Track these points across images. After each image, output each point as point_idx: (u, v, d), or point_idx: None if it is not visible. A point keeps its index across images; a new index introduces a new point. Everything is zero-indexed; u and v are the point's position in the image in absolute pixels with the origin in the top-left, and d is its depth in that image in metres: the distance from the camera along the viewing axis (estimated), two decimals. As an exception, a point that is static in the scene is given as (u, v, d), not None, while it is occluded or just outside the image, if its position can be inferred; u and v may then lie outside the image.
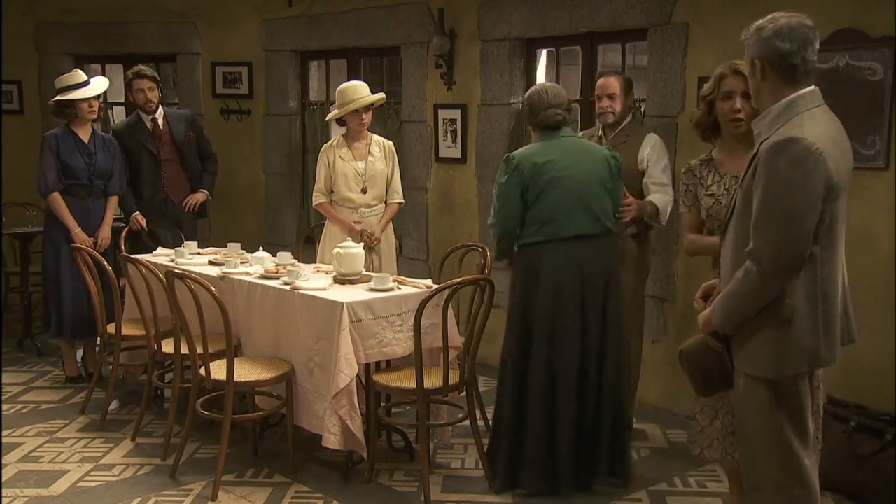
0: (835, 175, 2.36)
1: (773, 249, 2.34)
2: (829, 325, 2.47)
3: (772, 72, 2.45)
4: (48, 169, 5.10)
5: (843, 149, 2.47)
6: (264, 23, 6.73)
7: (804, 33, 2.44)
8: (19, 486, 3.80)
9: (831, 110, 2.56)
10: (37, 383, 5.32)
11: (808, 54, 2.45)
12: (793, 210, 2.33)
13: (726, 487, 3.83)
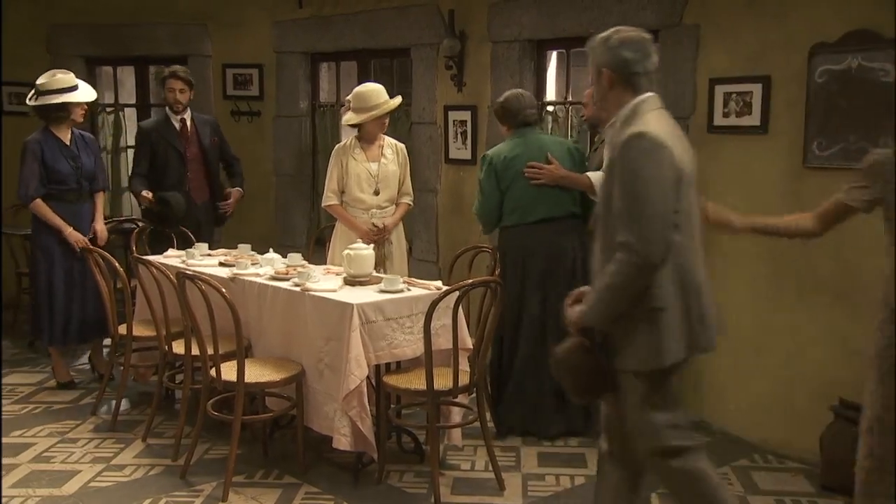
0: (681, 167, 2.54)
1: (641, 238, 2.45)
2: (701, 312, 2.59)
3: (617, 80, 2.63)
4: (30, 176, 4.96)
5: (685, 146, 2.65)
6: (275, 24, 6.74)
7: (645, 45, 2.65)
8: (32, 486, 3.82)
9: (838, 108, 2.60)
10: (48, 384, 5.33)
11: (649, 64, 2.65)
12: (652, 199, 2.46)
13: (737, 491, 3.85)
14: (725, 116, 4.39)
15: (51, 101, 4.99)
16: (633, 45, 2.63)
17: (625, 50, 2.63)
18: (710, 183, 4.53)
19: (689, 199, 2.59)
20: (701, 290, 2.61)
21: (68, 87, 5.05)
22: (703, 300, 2.61)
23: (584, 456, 4.24)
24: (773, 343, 4.32)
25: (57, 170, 5.01)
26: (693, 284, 2.58)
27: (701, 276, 2.63)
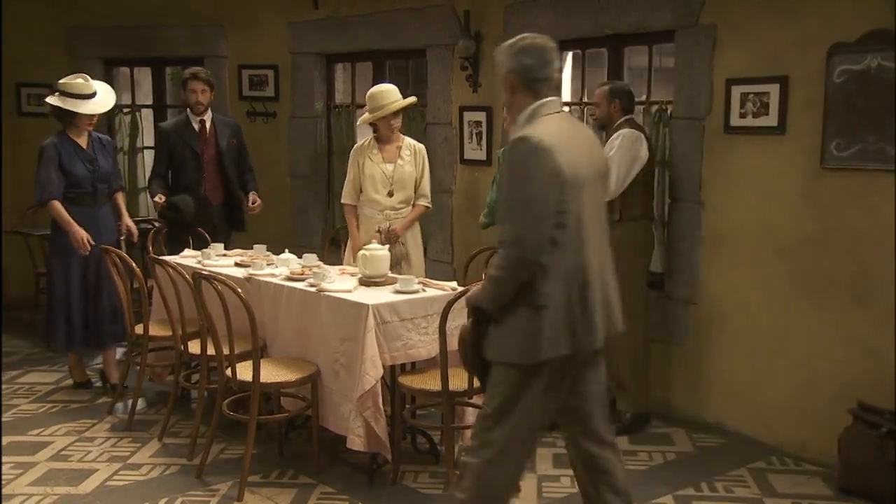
0: (566, 169, 2.60)
1: (515, 237, 2.60)
2: (585, 310, 2.66)
3: (519, 84, 2.74)
4: (48, 178, 4.92)
5: (581, 149, 2.73)
6: (290, 25, 6.76)
7: (546, 52, 2.74)
8: (49, 485, 3.85)
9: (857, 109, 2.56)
10: (65, 383, 5.37)
11: (549, 70, 2.75)
12: (528, 200, 2.58)
13: (754, 493, 3.83)
14: (742, 117, 4.37)
15: (60, 106, 4.97)
16: (534, 51, 2.73)
17: (526, 56, 2.73)
18: (727, 184, 4.52)
19: (581, 200, 2.67)
20: (588, 290, 2.68)
21: (81, 94, 5.00)
22: (590, 300, 2.68)
23: (599, 458, 4.22)
24: (790, 344, 4.29)
25: (73, 173, 4.97)
26: (579, 284, 2.66)
27: (592, 275, 2.69)
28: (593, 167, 2.77)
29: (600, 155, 2.89)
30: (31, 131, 7.31)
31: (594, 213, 2.75)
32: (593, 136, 2.93)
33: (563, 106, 2.80)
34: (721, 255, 4.59)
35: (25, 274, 7.18)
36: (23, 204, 7.08)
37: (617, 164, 4.38)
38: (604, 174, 2.89)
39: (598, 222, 2.78)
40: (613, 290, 2.82)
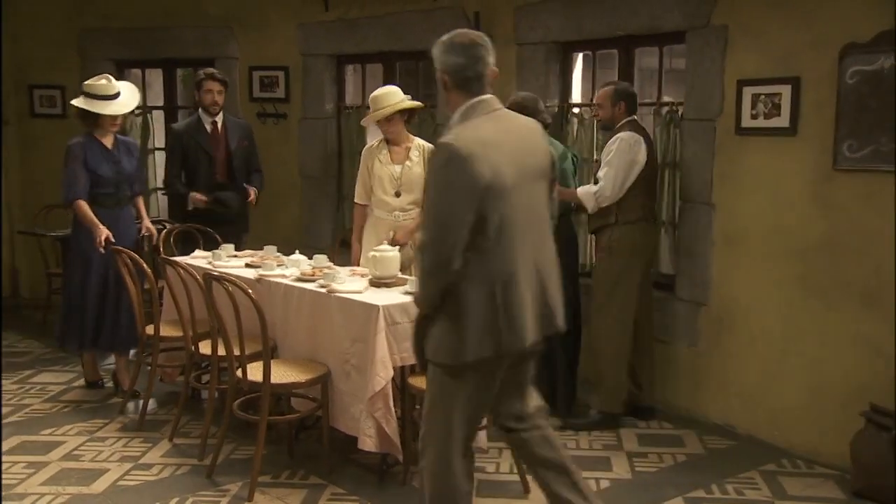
0: (489, 175, 2.59)
1: (432, 244, 2.62)
2: (510, 315, 2.67)
3: (451, 83, 2.74)
4: (74, 177, 4.90)
5: (513, 151, 2.70)
6: (301, 27, 6.78)
7: (477, 49, 2.73)
8: (61, 484, 3.87)
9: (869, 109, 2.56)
10: (77, 383, 5.39)
11: (481, 67, 2.73)
12: (446, 208, 2.61)
13: (765, 495, 3.81)
14: (754, 118, 4.35)
15: (81, 106, 4.96)
16: (464, 49, 2.73)
17: (456, 54, 2.73)
18: (738, 185, 4.51)
19: (508, 204, 2.66)
20: (514, 294, 2.68)
21: (105, 95, 4.98)
22: (516, 304, 2.69)
23: (609, 459, 4.22)
24: (801, 346, 4.27)
25: (98, 173, 4.94)
26: (503, 289, 2.67)
27: (520, 278, 2.70)
28: (527, 167, 2.75)
29: (540, 153, 2.84)
30: (43, 133, 7.38)
31: (528, 215, 2.75)
32: (533, 135, 2.87)
33: (498, 104, 2.79)
34: (732, 257, 4.58)
35: (37, 274, 7.23)
36: (35, 205, 7.13)
37: (614, 169, 4.41)
38: (544, 172, 2.84)
39: (534, 223, 2.78)
40: (555, 289, 2.84)
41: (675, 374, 4.88)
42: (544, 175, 2.86)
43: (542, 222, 2.84)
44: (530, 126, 2.90)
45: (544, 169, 2.86)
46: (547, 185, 2.89)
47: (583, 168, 5.31)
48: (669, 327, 4.89)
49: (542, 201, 2.86)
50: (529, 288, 2.73)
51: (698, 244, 4.72)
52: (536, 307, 2.75)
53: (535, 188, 2.79)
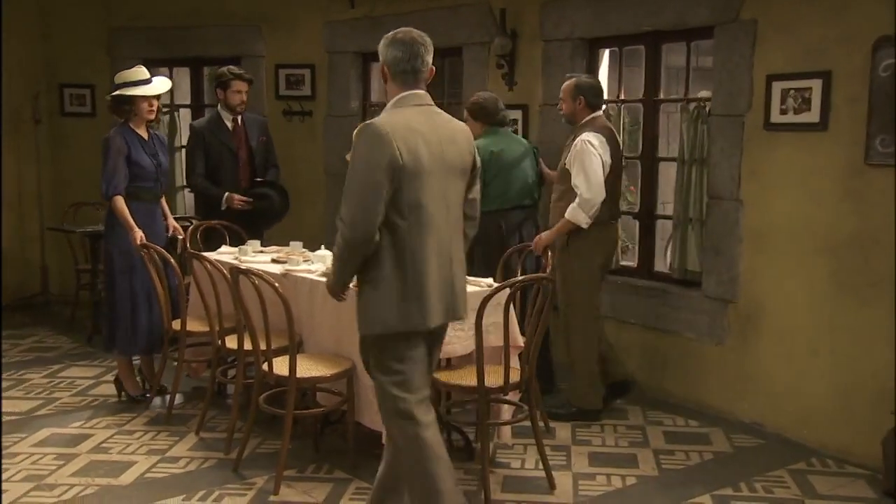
0: (406, 154, 2.78)
1: (348, 218, 2.80)
2: (419, 293, 2.86)
3: (389, 74, 2.93)
4: (115, 170, 4.72)
5: (434, 142, 2.86)
6: (327, 25, 6.81)
7: (415, 46, 2.90)
8: (90, 476, 3.91)
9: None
10: (106, 377, 5.44)
11: (418, 63, 2.90)
12: (363, 184, 2.78)
13: (794, 494, 3.77)
14: (783, 113, 4.31)
15: (118, 93, 4.81)
16: (404, 45, 2.90)
17: (396, 49, 2.91)
18: (767, 181, 4.46)
19: (423, 189, 2.84)
20: (423, 273, 2.86)
21: (135, 81, 4.85)
22: (425, 283, 2.87)
23: (635, 456, 4.19)
24: (832, 344, 4.22)
25: (141, 165, 4.80)
26: (413, 266, 2.85)
27: (430, 260, 2.87)
28: (447, 160, 2.90)
29: (463, 152, 2.97)
30: (72, 131, 7.48)
31: (441, 204, 2.90)
32: (459, 135, 2.98)
33: (429, 100, 2.96)
34: (760, 254, 4.53)
35: (66, 271, 7.32)
36: (64, 202, 7.22)
37: (584, 174, 4.43)
38: (463, 170, 2.98)
39: (447, 214, 2.93)
40: (460, 280, 3.01)
41: (702, 372, 4.83)
42: (463, 174, 3.00)
43: (454, 216, 2.98)
44: (458, 127, 3.03)
45: (464, 168, 2.99)
46: (465, 184, 3.03)
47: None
48: (696, 325, 4.85)
49: (458, 197, 3.00)
50: (437, 271, 2.90)
51: (726, 241, 4.67)
52: (442, 292, 2.92)
53: (452, 182, 2.95)
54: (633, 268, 5.40)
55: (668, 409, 4.85)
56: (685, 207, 4.95)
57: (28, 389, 5.21)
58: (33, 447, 4.25)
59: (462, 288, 3.04)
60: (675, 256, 5.06)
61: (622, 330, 5.26)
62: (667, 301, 5.03)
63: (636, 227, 5.46)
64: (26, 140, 7.38)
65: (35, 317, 7.13)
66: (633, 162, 5.50)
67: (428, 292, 2.88)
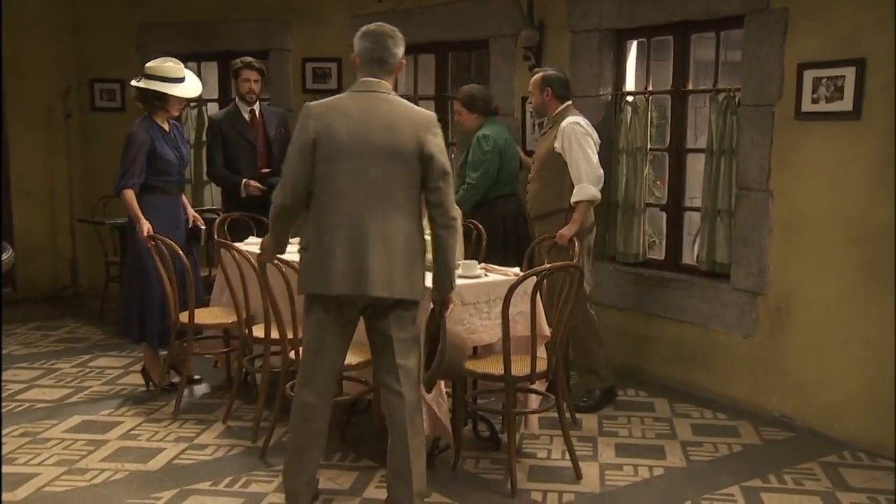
0: (324, 135, 3.07)
1: (278, 187, 3.15)
2: (324, 261, 3.11)
3: (359, 64, 3.19)
4: (133, 165, 4.66)
5: (362, 124, 3.08)
6: (354, 18, 6.81)
7: (382, 38, 3.15)
8: (120, 461, 3.95)
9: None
10: (134, 367, 5.49)
11: (385, 54, 3.14)
12: (288, 157, 3.13)
13: (825, 486, 3.73)
14: (815, 102, 4.25)
15: (152, 87, 4.74)
16: (373, 36, 3.16)
17: (366, 40, 3.16)
18: (797, 171, 4.41)
19: (340, 166, 3.08)
20: (329, 243, 3.10)
21: (172, 78, 4.79)
22: (330, 252, 3.10)
23: (663, 448, 4.16)
24: (863, 336, 4.16)
25: (166, 158, 4.77)
26: (322, 235, 3.12)
27: (334, 231, 3.09)
28: (374, 142, 3.08)
29: (403, 137, 3.08)
30: (102, 125, 7.56)
31: (360, 183, 3.09)
32: (405, 122, 3.09)
33: (382, 88, 3.14)
34: (790, 245, 4.48)
35: (96, 263, 7.41)
36: (94, 195, 7.30)
37: (582, 156, 4.52)
38: (396, 153, 3.08)
39: (367, 193, 3.09)
40: (378, 257, 3.08)
41: (731, 365, 4.79)
42: (398, 157, 3.09)
43: (382, 196, 3.10)
44: (407, 115, 3.13)
45: (399, 152, 3.08)
46: (409, 169, 3.10)
47: (635, 156, 5.26)
48: (724, 317, 4.81)
49: (391, 178, 3.11)
50: (345, 244, 3.09)
51: (755, 232, 4.63)
52: (350, 264, 3.08)
53: (379, 164, 3.09)
54: (660, 260, 5.36)
55: (695, 402, 4.81)
56: (713, 199, 4.90)
57: (59, 378, 5.28)
58: (65, 433, 4.31)
59: (381, 267, 3.09)
60: (703, 248, 5.02)
61: (649, 323, 5.22)
62: (694, 293, 4.99)
63: (663, 219, 5.42)
64: (58, 134, 7.47)
65: (65, 308, 7.22)
66: (661, 154, 5.46)
67: (332, 261, 3.09)
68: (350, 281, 3.09)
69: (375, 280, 3.09)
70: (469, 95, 5.19)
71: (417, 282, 3.20)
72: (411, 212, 3.16)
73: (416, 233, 3.19)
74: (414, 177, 3.13)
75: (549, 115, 4.76)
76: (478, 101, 5.18)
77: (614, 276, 5.41)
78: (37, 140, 7.41)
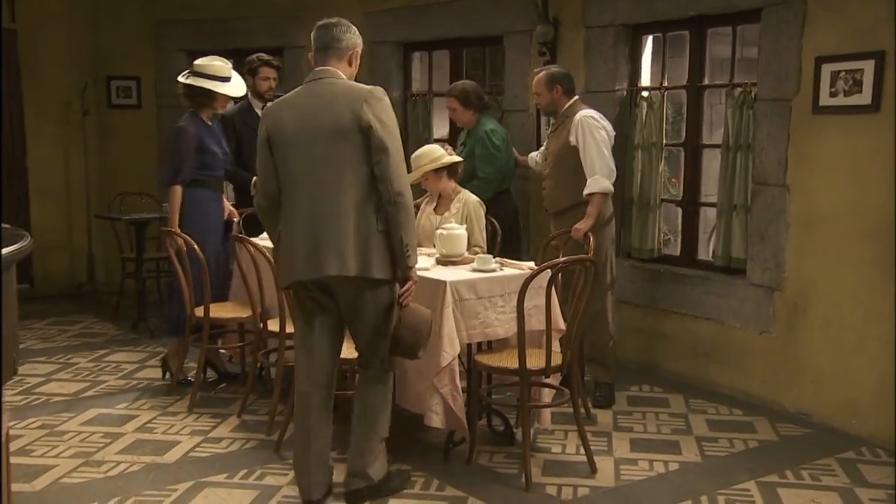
0: (272, 129, 3.23)
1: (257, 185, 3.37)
2: (289, 250, 3.26)
3: (313, 56, 3.33)
4: (184, 160, 4.68)
5: (309, 111, 3.19)
6: (367, 14, 6.82)
7: (329, 27, 3.32)
8: (136, 453, 3.97)
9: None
10: (150, 362, 5.53)
11: (329, 41, 3.29)
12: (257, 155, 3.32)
13: (843, 482, 3.70)
14: (832, 96, 4.22)
15: (201, 85, 4.74)
16: (322, 27, 3.32)
17: (316, 32, 3.33)
18: (814, 166, 4.38)
19: (291, 157, 3.20)
20: (291, 233, 3.24)
21: (220, 77, 4.83)
22: (292, 241, 3.23)
23: (678, 443, 4.14)
24: (881, 332, 4.12)
25: (212, 153, 4.79)
26: (286, 226, 3.26)
27: (294, 219, 3.22)
28: (319, 127, 3.16)
29: (344, 115, 3.14)
30: (119, 122, 7.61)
31: (309, 168, 3.18)
32: (341, 97, 3.16)
33: (329, 75, 3.24)
34: (807, 240, 4.45)
35: (112, 259, 7.45)
36: (110, 191, 7.35)
37: (596, 150, 4.53)
38: (338, 131, 3.15)
39: (317, 176, 3.17)
40: (330, 234, 3.15)
41: (746, 361, 4.76)
42: (341, 134, 3.15)
43: (331, 176, 3.16)
44: (346, 91, 3.20)
45: (340, 129, 3.14)
46: (352, 144, 3.14)
47: (650, 152, 5.25)
48: (740, 313, 4.78)
49: (337, 159, 3.16)
50: (303, 229, 3.19)
51: (771, 227, 4.60)
52: (308, 248, 3.18)
53: (325, 146, 3.16)
54: (675, 256, 5.34)
55: (711, 398, 4.79)
56: (729, 194, 4.87)
57: (76, 372, 5.31)
58: (81, 426, 4.34)
59: (333, 247, 3.15)
60: (718, 244, 4.99)
61: (664, 319, 5.20)
62: (710, 289, 4.96)
63: (678, 215, 5.40)
64: (75, 131, 7.52)
65: (82, 304, 7.27)
66: (676, 151, 5.44)
67: (294, 249, 3.22)
68: (308, 266, 3.20)
69: (328, 261, 3.16)
70: (464, 92, 5.24)
71: (375, 260, 3.18)
72: (361, 188, 3.16)
73: (369, 209, 3.16)
74: (359, 153, 3.15)
75: (559, 111, 4.76)
76: (472, 96, 5.24)
77: (629, 272, 5.39)
78: (54, 136, 7.46)
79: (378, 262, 3.19)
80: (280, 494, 3.57)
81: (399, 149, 3.22)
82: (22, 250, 1.74)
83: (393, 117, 3.26)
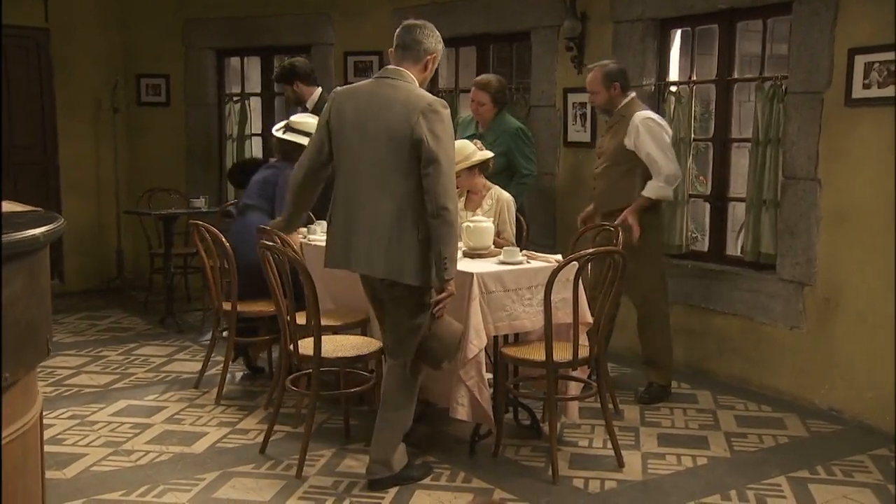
0: (334, 114, 3.31)
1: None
2: (328, 239, 3.39)
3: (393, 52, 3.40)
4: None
5: (370, 109, 3.24)
6: (395, 11, 6.83)
7: (414, 29, 3.36)
8: (164, 444, 4.01)
9: None
10: (178, 356, 5.58)
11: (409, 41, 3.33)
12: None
13: (877, 479, 3.64)
14: (866, 88, 4.16)
15: (296, 141, 4.78)
16: (405, 29, 3.36)
17: (399, 31, 3.37)
18: (847, 159, 4.32)
19: (349, 146, 3.28)
20: (335, 226, 3.35)
21: (308, 133, 4.73)
22: (335, 234, 3.35)
23: (706, 438, 4.10)
24: (916, 328, 4.06)
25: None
26: (332, 215, 3.36)
27: (336, 207, 3.33)
28: (371, 124, 3.22)
29: (397, 121, 3.17)
30: (148, 120, 7.68)
31: (356, 162, 3.26)
32: (399, 106, 3.18)
33: (396, 75, 3.28)
34: (839, 235, 4.39)
35: (141, 256, 7.53)
36: (139, 188, 7.43)
37: (659, 150, 4.43)
38: (391, 136, 3.18)
39: (362, 174, 3.25)
40: (364, 236, 3.25)
41: (776, 357, 4.70)
42: (393, 140, 3.18)
43: (373, 179, 3.23)
44: (406, 99, 3.19)
45: (393, 136, 3.17)
46: (405, 153, 3.16)
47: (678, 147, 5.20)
48: (770, 309, 4.73)
49: (384, 161, 3.20)
50: (341, 221, 3.32)
51: (802, 222, 4.54)
52: (343, 241, 3.31)
53: (375, 148, 3.21)
54: (704, 252, 5.29)
55: (740, 394, 4.74)
56: (759, 189, 4.82)
57: (105, 365, 5.37)
58: (111, 416, 4.38)
59: (363, 246, 3.25)
60: (747, 239, 4.94)
61: (693, 314, 5.15)
62: (739, 285, 4.91)
63: (706, 210, 5.35)
64: (105, 129, 7.61)
65: (111, 299, 7.35)
66: (704, 146, 5.39)
67: (334, 238, 3.36)
68: (340, 258, 3.34)
69: (358, 258, 3.29)
70: (500, 89, 5.28)
71: (406, 266, 3.20)
72: (405, 196, 3.18)
73: (409, 218, 3.18)
74: (407, 162, 3.16)
75: (616, 109, 4.62)
76: (502, 93, 5.31)
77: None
78: (85, 134, 7.55)
79: (412, 268, 3.21)
80: (307, 485, 3.58)
81: (451, 162, 3.22)
82: (56, 231, 1.76)
83: (448, 131, 3.22)
